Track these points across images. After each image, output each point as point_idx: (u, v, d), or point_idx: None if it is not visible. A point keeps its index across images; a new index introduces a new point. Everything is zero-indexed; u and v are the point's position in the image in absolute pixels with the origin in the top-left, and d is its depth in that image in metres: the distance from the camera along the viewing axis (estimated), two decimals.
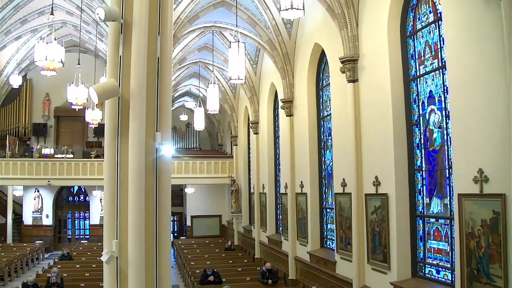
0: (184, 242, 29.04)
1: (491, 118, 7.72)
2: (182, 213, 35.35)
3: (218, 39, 21.50)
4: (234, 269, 19.61)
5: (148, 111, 5.02)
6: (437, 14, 10.04)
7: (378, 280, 11.35)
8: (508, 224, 7.32)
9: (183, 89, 31.19)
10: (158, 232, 5.08)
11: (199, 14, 16.88)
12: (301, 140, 17.03)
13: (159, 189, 5.13)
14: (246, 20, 17.31)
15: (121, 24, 5.05)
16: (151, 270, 4.98)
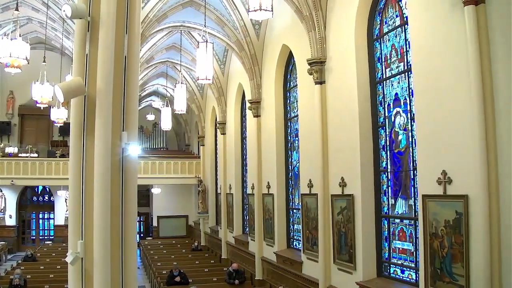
0: (151, 243, 28.83)
1: (455, 121, 7.88)
2: (149, 214, 35.05)
3: (186, 38, 21.40)
4: (200, 270, 19.53)
5: (115, 110, 4.96)
6: (403, 18, 10.19)
7: (344, 280, 11.45)
8: (470, 224, 7.49)
9: (150, 88, 30.91)
10: (124, 232, 5.03)
11: (167, 13, 16.77)
12: (268, 141, 17.06)
13: (125, 189, 5.07)
14: (215, 20, 17.28)
15: (88, 21, 4.97)
16: (116, 271, 4.92)
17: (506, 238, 6.90)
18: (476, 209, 7.32)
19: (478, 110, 7.17)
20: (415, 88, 9.07)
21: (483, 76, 7.17)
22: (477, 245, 7.25)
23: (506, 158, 6.91)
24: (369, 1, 11.16)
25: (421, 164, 8.86)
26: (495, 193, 7.06)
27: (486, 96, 7.15)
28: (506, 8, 6.94)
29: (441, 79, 8.24)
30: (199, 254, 24.53)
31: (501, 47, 7.03)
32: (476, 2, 7.31)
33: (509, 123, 6.87)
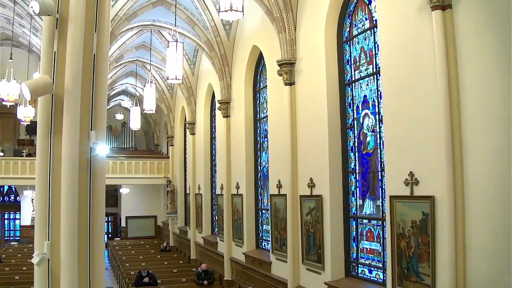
0: (119, 243, 28.58)
1: (422, 123, 8.00)
2: (117, 214, 34.73)
3: (156, 38, 21.26)
4: (169, 270, 19.45)
5: (83, 109, 4.90)
6: (372, 22, 10.30)
7: (312, 280, 11.52)
8: (436, 225, 7.61)
9: (119, 87, 30.61)
10: (92, 233, 4.96)
11: (137, 12, 16.63)
12: (238, 142, 17.07)
13: (93, 189, 5.01)
14: (185, 20, 17.20)
15: (56, 18, 4.90)
16: (84, 272, 4.86)
17: (470, 238, 7.04)
18: (442, 210, 7.44)
19: (444, 112, 7.29)
20: (384, 90, 9.18)
21: (450, 79, 7.30)
22: (443, 245, 7.38)
23: (471, 159, 7.05)
24: (339, 3, 11.25)
25: (388, 165, 8.97)
26: (461, 194, 7.18)
27: (453, 99, 7.27)
28: (472, 13, 7.09)
29: (409, 82, 8.36)
30: (168, 255, 24.41)
31: (467, 51, 7.17)
32: (443, 7, 7.44)
33: (475, 126, 7.01)
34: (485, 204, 6.83)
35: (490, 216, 6.73)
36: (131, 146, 35.85)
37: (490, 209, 6.72)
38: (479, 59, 6.95)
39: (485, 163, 6.82)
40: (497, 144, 6.62)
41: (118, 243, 28.88)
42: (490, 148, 6.73)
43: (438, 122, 7.39)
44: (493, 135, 6.70)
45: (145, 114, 26.92)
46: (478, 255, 6.91)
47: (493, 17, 6.73)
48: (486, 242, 6.79)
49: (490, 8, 6.78)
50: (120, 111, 33.21)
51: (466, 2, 7.19)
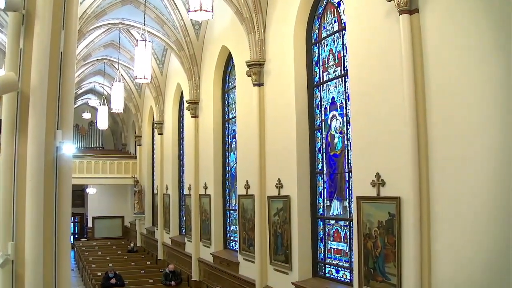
0: (85, 244, 28.29)
1: (389, 125, 8.10)
2: (84, 214, 34.32)
3: (125, 36, 21.08)
4: (136, 271, 19.33)
5: (49, 107, 4.82)
6: (341, 24, 10.39)
7: (280, 280, 11.56)
8: (402, 225, 7.72)
9: (87, 86, 30.21)
10: (58, 233, 4.89)
11: (106, 10, 16.43)
12: (206, 142, 17.03)
13: (59, 189, 4.93)
14: (154, 19, 17.08)
15: (22, 15, 4.81)
16: (49, 273, 4.78)
17: (436, 238, 7.16)
18: (408, 211, 7.55)
19: (410, 115, 7.40)
20: (351, 92, 9.27)
21: (416, 82, 7.41)
22: (409, 245, 7.48)
23: (436, 161, 7.17)
24: (309, 6, 11.33)
25: (356, 166, 9.06)
26: (426, 195, 7.29)
27: (419, 101, 7.38)
28: (439, 18, 7.21)
29: (376, 85, 8.46)
30: (135, 256, 24.27)
31: (433, 55, 7.29)
32: (410, 11, 7.55)
33: (440, 128, 7.13)
34: (449, 205, 6.95)
35: (454, 217, 6.85)
36: (98, 146, 35.43)
37: (455, 209, 6.84)
38: (445, 63, 7.07)
39: (450, 164, 6.94)
40: (461, 146, 6.75)
41: (84, 243, 28.56)
42: (455, 150, 6.86)
43: (405, 124, 7.49)
44: (458, 137, 6.82)
45: (113, 114, 26.66)
46: (443, 255, 7.03)
47: (459, 22, 6.86)
48: (450, 242, 6.91)
49: (456, 13, 6.91)
50: (87, 110, 32.82)
51: (433, 7, 7.31)
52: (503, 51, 6.09)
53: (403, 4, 7.55)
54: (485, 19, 6.44)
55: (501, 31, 6.14)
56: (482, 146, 6.41)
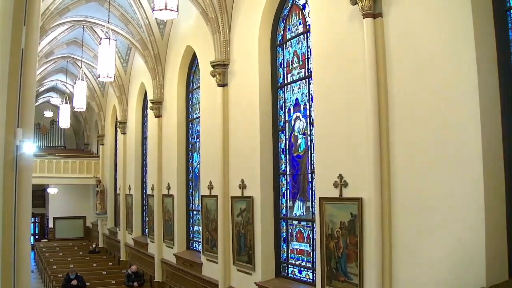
0: (46, 245, 27.83)
1: (352, 127, 8.20)
2: (44, 214, 33.72)
3: (89, 34, 20.81)
4: (98, 273, 19.12)
5: (9, 105, 4.74)
6: (306, 26, 10.48)
7: (243, 281, 11.59)
8: (364, 225, 7.84)
9: (48, 84, 29.68)
10: (17, 234, 4.82)
11: (69, 7, 16.13)
12: (169, 142, 16.94)
13: (19, 189, 4.86)
14: (119, 17, 16.89)
15: None
16: (8, 275, 4.70)
17: (396, 238, 7.29)
18: (369, 211, 7.66)
19: (373, 117, 7.51)
20: (315, 94, 9.36)
21: (379, 85, 7.53)
22: (370, 245, 7.60)
23: (398, 163, 7.30)
24: (274, 7, 11.38)
25: (318, 167, 9.14)
26: (387, 196, 7.42)
27: (381, 104, 7.51)
28: (401, 23, 7.35)
29: (339, 87, 8.56)
30: (97, 256, 24.02)
31: (396, 58, 7.43)
32: (374, 15, 7.67)
33: (401, 130, 7.28)
34: (410, 205, 7.09)
35: (414, 217, 6.99)
36: (60, 145, 34.86)
37: (415, 210, 6.99)
38: (408, 66, 7.21)
39: (410, 166, 7.09)
40: (422, 148, 6.90)
41: (45, 244, 28.10)
42: (416, 152, 7.00)
43: (367, 126, 7.61)
44: (418, 140, 6.97)
45: (75, 112, 26.39)
46: (404, 254, 7.17)
47: (422, 26, 7.02)
48: (411, 242, 7.05)
49: (419, 18, 7.06)
50: (49, 108, 32.28)
51: (396, 12, 7.45)
52: (465, 53, 6.26)
53: (367, 8, 7.66)
54: (447, 23, 6.61)
55: (463, 34, 6.32)
56: (443, 147, 6.56)
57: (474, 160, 6.07)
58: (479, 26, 6.25)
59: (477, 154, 6.04)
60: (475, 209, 6.03)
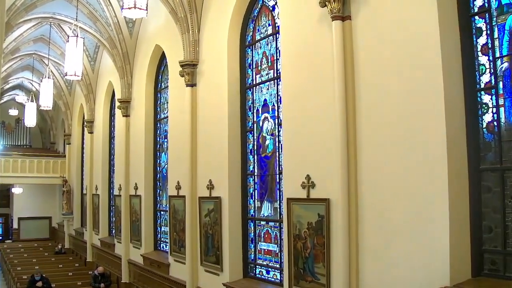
0: (10, 246, 27.41)
1: (319, 128, 8.25)
2: (9, 215, 33.11)
3: (56, 31, 20.50)
4: (64, 274, 18.92)
5: None
6: (275, 28, 10.51)
7: (211, 281, 11.57)
8: (331, 226, 7.89)
9: (14, 81, 29.16)
10: None
11: (37, 3, 15.82)
12: (137, 142, 16.81)
13: None
14: (87, 15, 16.66)
15: None
16: None
17: (363, 238, 7.37)
18: (336, 212, 7.71)
19: (340, 118, 7.57)
20: (283, 95, 9.39)
21: (347, 87, 7.59)
22: (337, 246, 7.65)
23: (365, 164, 7.38)
24: (243, 8, 11.39)
25: (286, 168, 9.18)
26: (354, 197, 7.49)
27: (349, 106, 7.57)
28: (370, 26, 7.43)
29: (308, 88, 8.60)
30: (63, 258, 23.74)
31: (364, 61, 7.51)
32: (342, 18, 7.73)
33: (369, 131, 7.36)
34: (376, 206, 7.17)
35: (381, 218, 7.08)
36: (26, 144, 34.25)
37: (381, 211, 7.08)
38: (376, 69, 7.29)
39: (377, 167, 7.18)
40: (389, 150, 6.99)
41: (9, 245, 27.67)
42: (383, 154, 7.09)
43: (335, 128, 7.66)
44: (385, 142, 7.06)
45: (41, 111, 25.99)
46: (370, 254, 7.24)
47: (389, 29, 7.11)
48: (377, 242, 7.13)
49: (387, 21, 7.15)
50: (14, 106, 31.74)
51: (364, 15, 7.53)
52: (431, 57, 6.38)
53: (336, 10, 7.72)
54: (414, 27, 6.71)
55: (429, 39, 6.43)
56: (409, 149, 6.67)
57: (439, 162, 6.18)
58: (445, 31, 6.37)
59: (442, 156, 6.15)
60: (440, 210, 6.14)
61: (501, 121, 6.16)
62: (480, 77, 6.40)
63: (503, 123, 6.14)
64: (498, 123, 6.18)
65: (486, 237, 6.20)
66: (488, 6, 6.36)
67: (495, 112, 6.21)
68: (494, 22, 6.29)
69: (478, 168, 6.31)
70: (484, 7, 6.41)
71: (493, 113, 6.24)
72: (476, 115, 6.37)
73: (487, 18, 6.37)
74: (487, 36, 6.36)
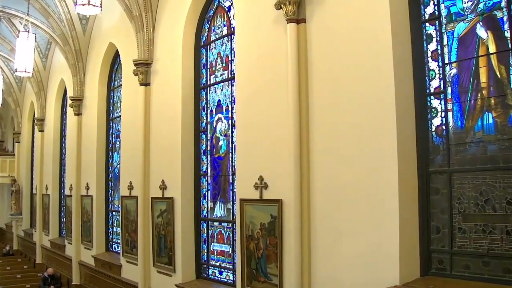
0: None
1: (272, 130, 8.29)
2: None
3: (6, 26, 19.90)
4: (12, 276, 18.46)
5: None
6: (230, 28, 10.52)
7: (163, 283, 11.48)
8: (284, 227, 7.94)
9: None
10: None
11: None
12: (89, 141, 16.52)
13: None
14: (39, 10, 16.21)
15: None
16: None
17: (315, 239, 7.45)
18: (289, 213, 7.77)
19: (293, 120, 7.63)
20: (237, 96, 9.41)
21: (300, 89, 7.65)
22: (290, 246, 7.71)
23: (317, 165, 7.46)
24: (199, 8, 11.34)
25: (239, 169, 9.19)
26: (307, 198, 7.55)
27: (302, 108, 7.64)
28: (324, 29, 7.52)
29: (262, 90, 8.64)
30: (11, 259, 23.18)
31: (317, 64, 7.59)
32: (297, 20, 7.80)
33: (321, 133, 7.44)
34: (328, 207, 7.26)
35: (332, 218, 7.17)
36: None
37: (333, 211, 7.17)
38: (328, 72, 7.38)
39: (329, 169, 7.27)
40: (340, 152, 7.09)
41: None
42: (334, 155, 7.19)
43: (288, 129, 7.71)
44: (337, 144, 7.16)
45: None
46: (322, 254, 7.33)
47: (342, 34, 7.21)
48: (329, 242, 7.23)
49: (340, 26, 7.25)
50: None
51: (319, 18, 7.61)
52: (384, 63, 6.50)
53: (291, 13, 7.78)
54: (367, 33, 6.82)
55: (381, 45, 6.56)
56: (360, 151, 6.78)
57: (390, 164, 6.31)
58: (397, 36, 6.51)
59: (393, 158, 6.28)
60: (390, 211, 6.27)
61: (449, 125, 6.35)
62: (430, 82, 6.58)
63: (451, 127, 6.34)
64: (447, 127, 6.37)
65: (434, 237, 6.38)
66: (438, 14, 6.57)
67: (444, 116, 6.41)
68: (444, 29, 6.49)
69: (427, 171, 6.49)
70: (434, 15, 6.61)
71: (442, 117, 6.44)
72: (425, 119, 6.55)
73: (437, 25, 6.57)
74: (437, 43, 6.55)
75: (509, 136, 5.77)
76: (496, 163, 5.88)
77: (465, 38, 6.28)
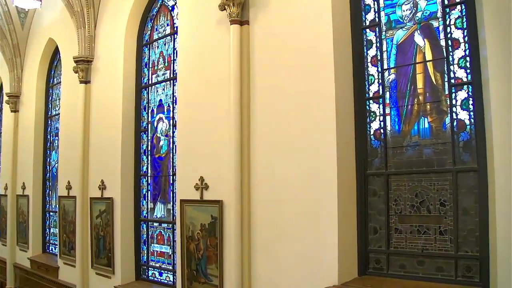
0: None
1: (214, 131, 8.30)
2: None
3: None
4: None
5: None
6: (173, 28, 10.44)
7: (102, 285, 11.27)
8: (224, 227, 7.96)
9: None
10: None
11: None
12: (26, 139, 16.02)
13: None
14: None
15: None
16: None
17: (255, 239, 7.50)
18: (229, 213, 7.79)
19: (235, 121, 7.65)
20: (179, 96, 9.34)
21: (242, 91, 7.70)
22: (230, 247, 7.73)
23: (258, 167, 7.52)
24: (142, 6, 11.19)
25: (180, 170, 9.14)
26: (247, 199, 7.60)
27: (243, 109, 7.68)
28: (267, 32, 7.58)
29: (204, 90, 8.62)
30: None
31: (260, 66, 7.64)
32: (241, 22, 7.84)
33: (262, 135, 7.51)
34: (268, 209, 7.33)
35: (272, 220, 7.25)
36: None
37: (273, 213, 7.24)
38: (270, 74, 7.46)
39: (270, 170, 7.33)
40: (281, 153, 7.17)
41: None
42: (275, 157, 7.26)
43: (229, 130, 7.74)
44: (278, 145, 7.24)
45: None
46: (262, 255, 7.39)
47: (285, 38, 7.30)
48: (269, 243, 7.29)
49: (283, 30, 7.33)
50: None
51: (262, 22, 7.67)
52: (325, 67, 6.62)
53: (234, 15, 7.80)
54: (309, 36, 6.93)
55: (323, 50, 6.69)
56: (301, 153, 6.87)
57: (329, 166, 6.42)
58: (338, 41, 6.64)
59: (332, 161, 6.39)
60: (329, 212, 6.38)
61: (387, 129, 6.55)
62: (369, 86, 6.76)
63: (389, 130, 6.54)
64: (385, 131, 6.57)
65: (371, 238, 6.56)
66: (379, 21, 6.77)
67: (382, 120, 6.60)
68: (384, 36, 6.69)
69: (365, 173, 6.66)
70: (375, 21, 6.80)
71: (380, 121, 6.63)
72: (364, 123, 6.72)
73: (377, 31, 6.76)
74: (376, 49, 6.74)
75: (443, 140, 6.01)
76: (431, 166, 6.11)
77: (403, 45, 6.49)
